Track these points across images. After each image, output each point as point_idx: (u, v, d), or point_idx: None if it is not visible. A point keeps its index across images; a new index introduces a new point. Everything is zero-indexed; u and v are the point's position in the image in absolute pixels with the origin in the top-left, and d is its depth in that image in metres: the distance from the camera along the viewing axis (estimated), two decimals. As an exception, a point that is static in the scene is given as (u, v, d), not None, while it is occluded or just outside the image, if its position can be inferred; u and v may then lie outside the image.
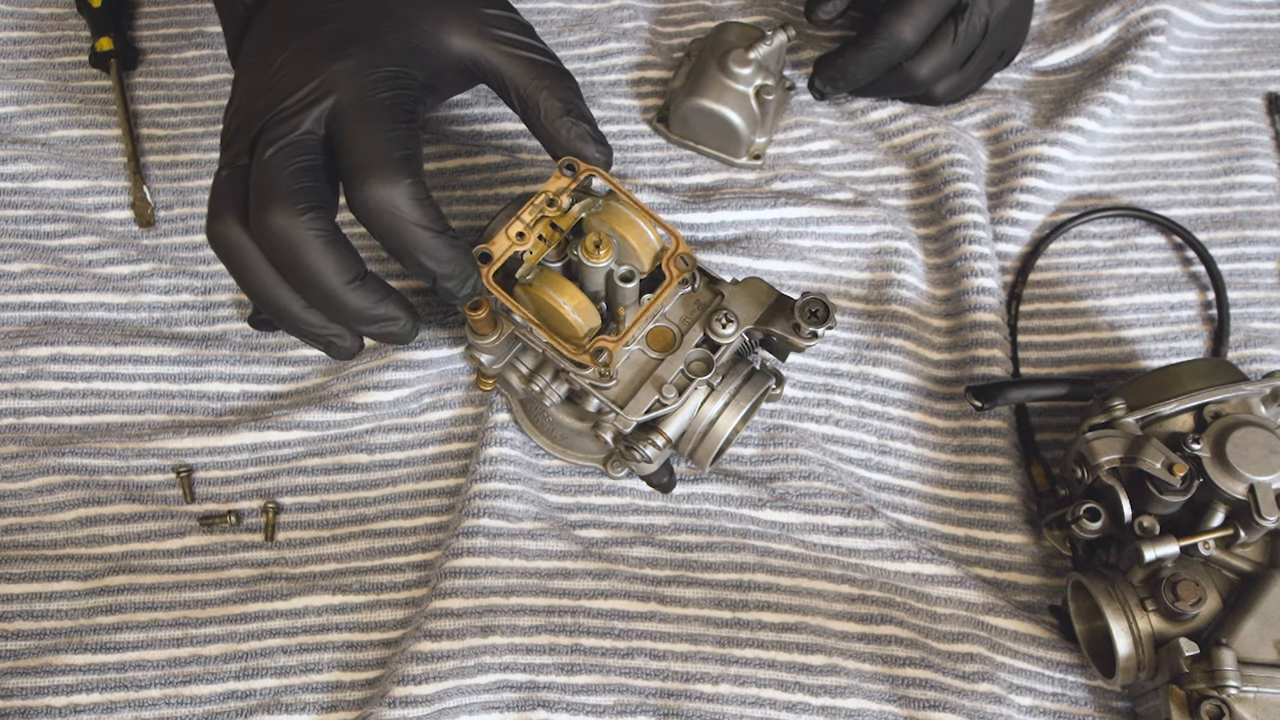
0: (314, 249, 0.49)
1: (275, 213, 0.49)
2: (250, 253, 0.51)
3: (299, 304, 0.52)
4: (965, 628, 0.59)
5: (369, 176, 0.49)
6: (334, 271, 0.50)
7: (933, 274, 0.69)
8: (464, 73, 0.57)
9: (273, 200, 0.49)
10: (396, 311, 0.52)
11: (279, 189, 0.50)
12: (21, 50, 0.74)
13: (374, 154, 0.50)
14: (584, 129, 0.55)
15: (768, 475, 0.63)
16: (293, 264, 0.50)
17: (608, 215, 0.53)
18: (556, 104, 0.55)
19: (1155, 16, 0.73)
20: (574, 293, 0.52)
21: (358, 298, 0.51)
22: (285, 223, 0.49)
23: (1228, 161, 0.72)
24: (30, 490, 0.62)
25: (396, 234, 0.50)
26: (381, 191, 0.49)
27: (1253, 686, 0.50)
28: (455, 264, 0.51)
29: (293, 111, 0.51)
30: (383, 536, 0.62)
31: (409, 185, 0.50)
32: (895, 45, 0.66)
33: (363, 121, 0.51)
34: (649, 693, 0.58)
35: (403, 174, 0.50)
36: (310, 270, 0.50)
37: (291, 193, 0.49)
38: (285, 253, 0.50)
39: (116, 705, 0.58)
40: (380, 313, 0.52)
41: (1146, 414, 0.56)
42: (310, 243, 0.49)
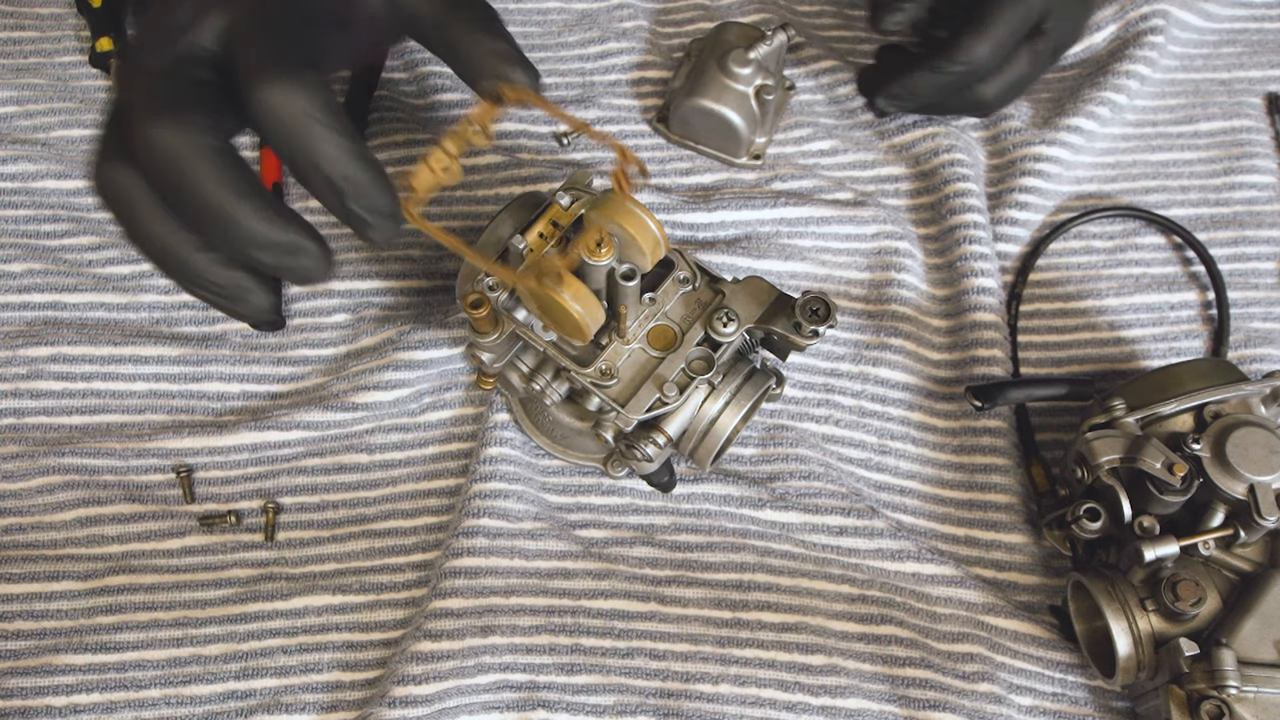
0: (202, 160, 0.43)
1: (157, 124, 0.43)
2: (138, 191, 0.45)
3: (193, 247, 0.46)
4: (965, 628, 0.59)
5: (267, 72, 0.43)
6: (225, 186, 0.43)
7: (933, 274, 0.69)
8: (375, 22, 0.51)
9: (152, 112, 0.43)
10: (303, 239, 0.45)
11: (159, 101, 0.44)
12: (21, 50, 0.74)
13: (274, 51, 0.44)
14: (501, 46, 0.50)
15: (768, 475, 0.63)
16: (179, 184, 0.44)
17: (609, 211, 0.53)
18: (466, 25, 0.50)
19: (1154, 16, 0.73)
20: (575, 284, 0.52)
21: (255, 219, 0.44)
22: (169, 134, 0.43)
23: (1228, 161, 0.72)
24: (30, 490, 0.62)
25: (297, 139, 0.44)
26: (281, 87, 0.43)
27: (1253, 686, 0.50)
28: (367, 181, 0.44)
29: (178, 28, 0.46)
30: (383, 536, 0.62)
31: (311, 79, 0.44)
32: (972, 69, 0.62)
33: (263, 26, 0.45)
34: (649, 693, 0.58)
35: (306, 70, 0.44)
36: (198, 188, 0.43)
37: (173, 101, 0.44)
38: (169, 169, 0.44)
39: (116, 705, 0.58)
40: (284, 238, 0.44)
41: (1146, 414, 0.56)
42: (198, 153, 0.43)
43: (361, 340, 0.66)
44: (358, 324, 0.67)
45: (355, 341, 0.66)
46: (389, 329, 0.65)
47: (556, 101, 0.73)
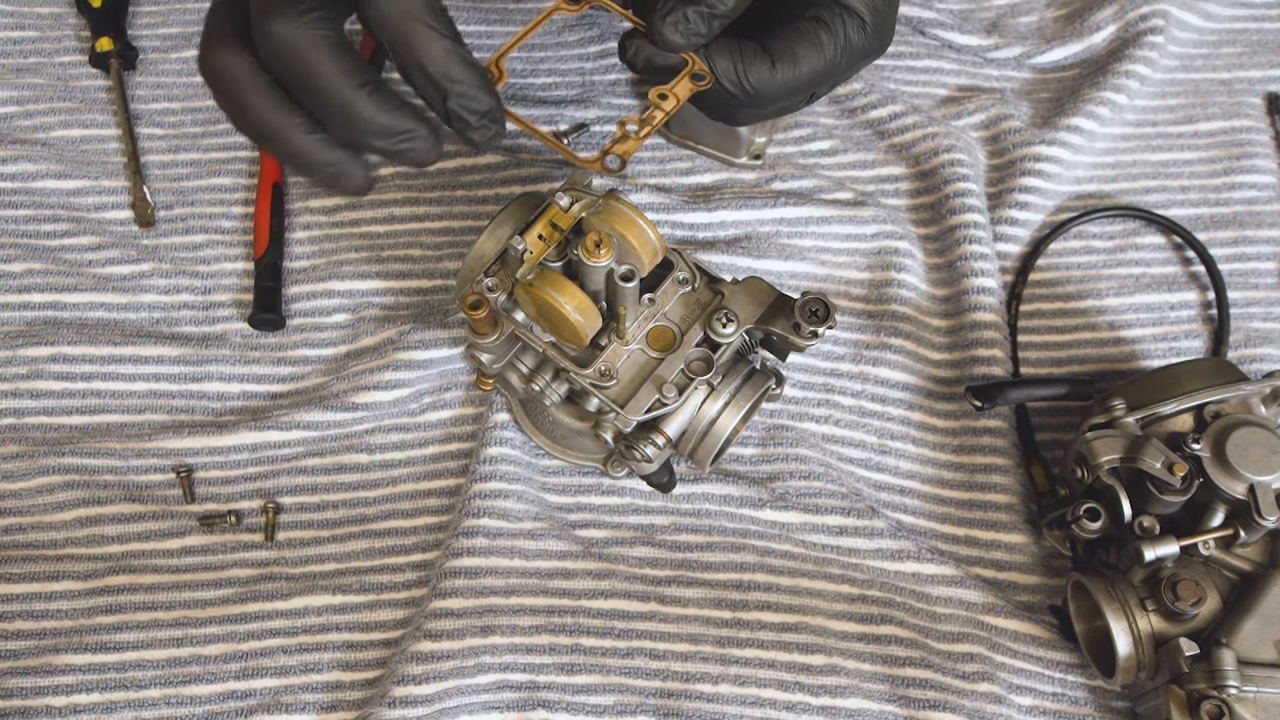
0: (322, 53, 0.46)
1: (279, 18, 0.46)
2: (248, 76, 0.48)
3: (301, 130, 0.48)
4: (965, 628, 0.59)
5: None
6: (344, 75, 0.46)
7: (933, 274, 0.69)
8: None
9: (276, 5, 0.46)
10: (413, 123, 0.48)
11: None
12: (21, 50, 0.74)
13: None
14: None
15: (768, 475, 0.63)
16: (299, 72, 0.47)
17: (608, 214, 0.53)
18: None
19: (1154, 16, 0.73)
20: (575, 292, 0.52)
21: (370, 105, 0.47)
22: (290, 27, 0.46)
23: (1228, 161, 0.72)
24: (30, 490, 0.62)
25: (410, 40, 0.47)
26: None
27: (1253, 686, 0.50)
28: (472, 83, 0.48)
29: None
30: (383, 536, 0.62)
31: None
32: (757, 94, 0.55)
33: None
34: (649, 693, 0.58)
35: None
36: (319, 76, 0.46)
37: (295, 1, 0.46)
38: (291, 60, 0.46)
39: (116, 705, 0.58)
40: (395, 123, 0.47)
41: (1146, 414, 0.56)
42: (318, 46, 0.46)
43: (361, 340, 0.66)
44: (358, 324, 0.67)
45: (355, 341, 0.66)
46: (389, 329, 0.65)
47: (557, 101, 0.73)
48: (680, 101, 0.53)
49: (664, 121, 0.53)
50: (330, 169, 0.49)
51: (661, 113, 0.53)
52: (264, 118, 0.48)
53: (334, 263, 0.68)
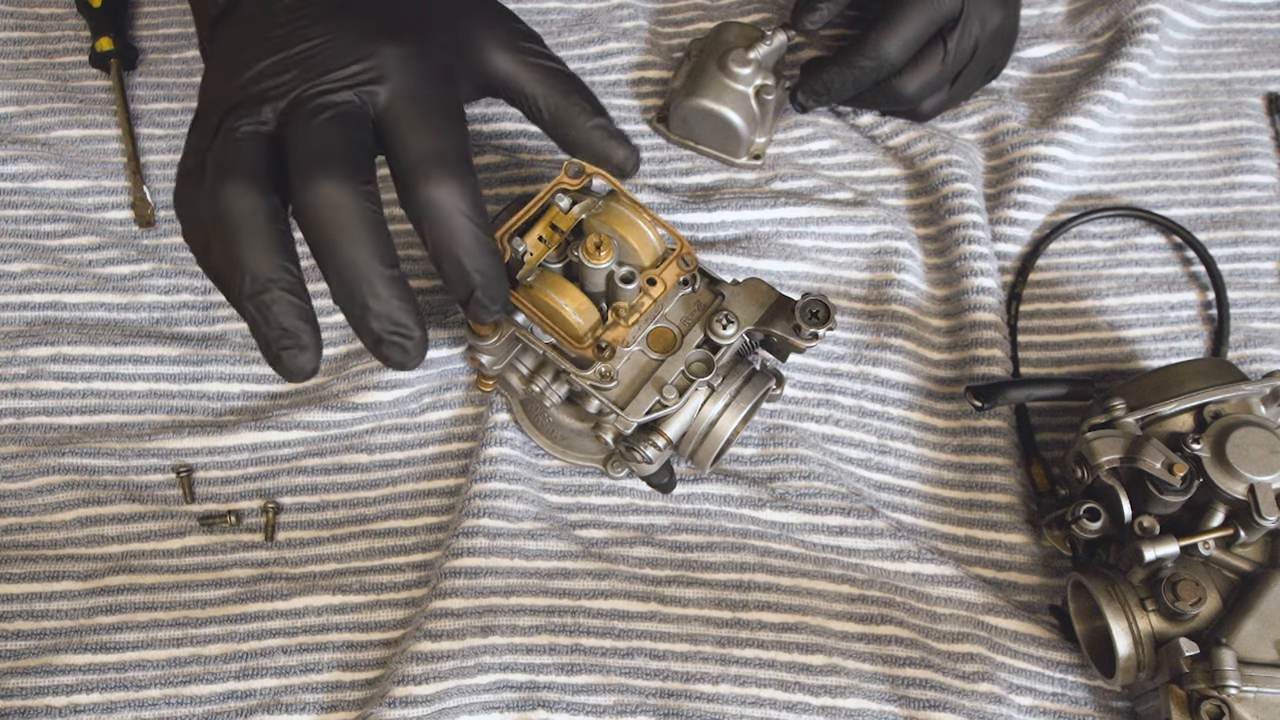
0: (365, 227, 0.46)
1: (331, 180, 0.46)
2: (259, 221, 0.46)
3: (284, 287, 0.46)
4: (965, 628, 0.59)
5: (434, 171, 0.47)
6: (379, 254, 0.46)
7: (932, 274, 0.69)
8: (485, 87, 0.56)
9: (330, 166, 0.46)
10: (415, 325, 0.48)
11: (337, 156, 0.46)
12: (21, 50, 0.74)
13: (439, 147, 0.48)
14: (614, 129, 0.56)
15: (768, 475, 0.63)
16: (336, 238, 0.46)
17: (608, 216, 0.53)
18: (586, 107, 0.55)
19: (1148, 15, 0.73)
20: (575, 294, 0.52)
21: (388, 291, 0.47)
22: (341, 191, 0.46)
23: (1228, 161, 0.72)
24: (30, 490, 0.62)
25: (453, 235, 0.47)
26: (446, 186, 0.47)
27: (1253, 686, 0.50)
28: (497, 274, 0.49)
29: (342, 85, 0.48)
30: (383, 536, 0.62)
31: (472, 183, 0.48)
32: (880, 64, 0.65)
33: (423, 114, 0.49)
34: (649, 693, 0.58)
35: (467, 170, 0.48)
36: (354, 249, 0.46)
37: (351, 162, 0.46)
38: (331, 224, 0.46)
39: (116, 705, 0.58)
40: (401, 319, 0.47)
41: (1146, 414, 0.56)
42: (364, 218, 0.46)
43: (361, 340, 0.66)
44: (358, 324, 0.66)
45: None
46: (389, 329, 0.65)
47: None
48: (668, 287, 0.54)
49: (652, 309, 0.54)
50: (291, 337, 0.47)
51: (650, 299, 0.54)
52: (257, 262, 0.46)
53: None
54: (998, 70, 0.73)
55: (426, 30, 0.52)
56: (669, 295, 0.56)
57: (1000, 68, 0.73)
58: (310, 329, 0.47)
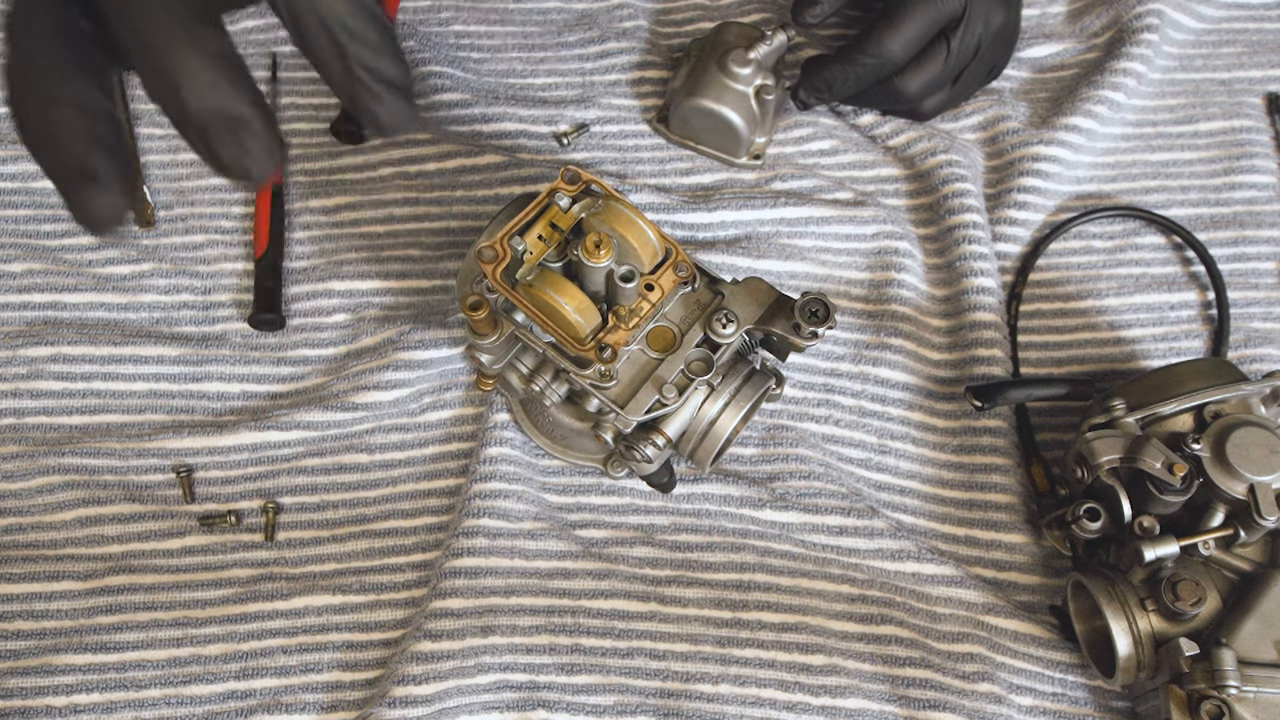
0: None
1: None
2: (44, 28, 0.36)
3: (75, 99, 0.36)
4: (965, 628, 0.59)
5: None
6: (183, 12, 0.34)
7: (932, 274, 0.69)
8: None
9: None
10: (250, 108, 0.35)
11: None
12: (21, 50, 0.74)
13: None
14: (368, 82, 0.38)
15: (768, 475, 0.63)
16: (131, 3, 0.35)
17: (608, 215, 0.53)
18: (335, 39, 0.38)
19: (1148, 15, 0.73)
20: (575, 293, 0.52)
21: (204, 67, 0.34)
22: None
23: (1228, 161, 0.72)
24: (30, 490, 0.62)
25: None
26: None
27: (1253, 686, 0.50)
28: (379, 42, 0.36)
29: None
30: (383, 536, 0.62)
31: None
32: (883, 61, 0.65)
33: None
34: (649, 693, 0.58)
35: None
36: (155, 15, 0.34)
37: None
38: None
39: (116, 705, 0.58)
40: (228, 106, 0.34)
41: (1146, 414, 0.56)
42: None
43: (361, 340, 0.66)
44: (358, 324, 0.67)
45: (355, 341, 0.66)
46: (389, 329, 0.65)
47: (557, 101, 0.73)
48: (665, 293, 0.54)
49: (652, 314, 0.54)
50: (82, 169, 0.36)
51: (649, 305, 0.54)
52: (41, 80, 0.36)
53: (334, 263, 0.68)
54: (999, 70, 0.73)
55: None
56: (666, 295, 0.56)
57: (1001, 68, 0.73)
58: (109, 158, 0.36)
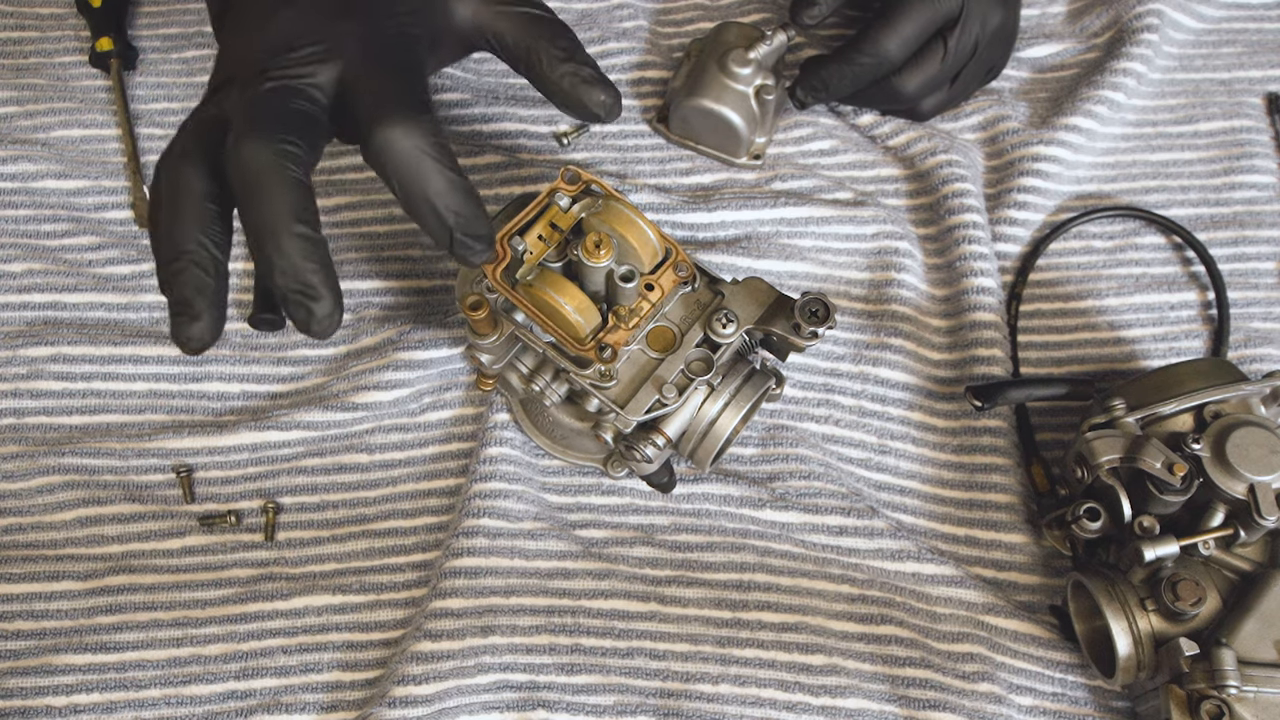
0: (277, 181, 0.47)
1: (251, 139, 0.47)
2: (189, 199, 0.48)
3: (196, 255, 0.48)
4: (965, 628, 0.59)
5: (387, 114, 0.48)
6: (288, 209, 0.47)
7: (932, 274, 0.69)
8: (462, 40, 0.56)
9: (255, 128, 0.47)
10: (323, 286, 0.47)
11: (265, 119, 0.48)
12: (21, 50, 0.74)
13: (391, 95, 0.49)
14: (587, 72, 0.54)
15: (768, 475, 0.63)
16: (249, 192, 0.47)
17: (608, 215, 0.53)
18: (557, 52, 0.54)
19: (1148, 15, 0.73)
20: (575, 293, 0.52)
21: (297, 244, 0.47)
22: (258, 148, 0.47)
23: (1228, 161, 0.72)
24: (30, 490, 0.62)
25: (413, 173, 0.48)
26: (401, 127, 0.48)
27: (1253, 686, 0.50)
28: (473, 212, 0.49)
29: (297, 63, 0.50)
30: (383, 536, 0.62)
31: (429, 122, 0.48)
32: (880, 61, 0.65)
33: (376, 74, 0.50)
34: (649, 693, 0.58)
35: (422, 110, 0.48)
36: (265, 201, 0.47)
37: (277, 125, 0.47)
38: (247, 179, 0.47)
39: (116, 705, 0.58)
40: (308, 275, 0.47)
41: (1146, 414, 0.56)
42: (278, 173, 0.47)
43: (361, 340, 0.66)
44: (358, 324, 0.67)
45: (355, 341, 0.66)
46: (389, 329, 0.65)
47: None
48: (665, 292, 0.54)
49: (652, 313, 0.54)
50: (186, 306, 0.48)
51: (649, 304, 0.54)
52: (177, 237, 0.48)
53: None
54: (998, 70, 0.73)
55: (382, 1, 0.53)
56: (666, 295, 0.56)
57: (1000, 68, 0.73)
58: (208, 302, 0.48)
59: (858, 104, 0.72)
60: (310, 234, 0.47)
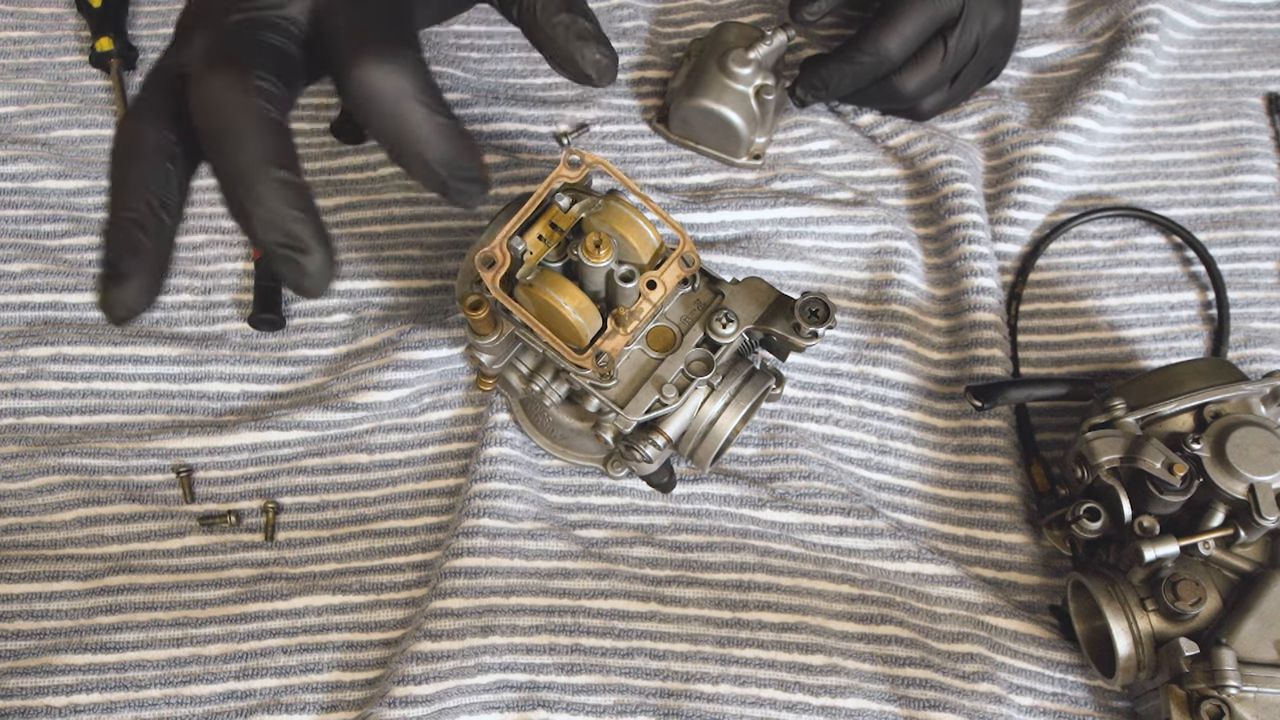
0: (249, 120, 0.42)
1: (217, 74, 0.42)
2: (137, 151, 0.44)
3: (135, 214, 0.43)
4: (965, 628, 0.59)
5: (367, 50, 0.43)
6: (263, 151, 0.42)
7: (932, 274, 0.69)
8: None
9: (220, 62, 0.42)
10: (313, 240, 0.42)
11: (234, 54, 0.42)
12: (21, 50, 0.74)
13: (372, 27, 0.44)
14: (582, 25, 0.50)
15: (768, 475, 0.63)
16: (218, 134, 0.42)
17: (607, 215, 0.53)
18: (551, 5, 0.50)
19: (1148, 15, 0.73)
20: (575, 293, 0.52)
21: (277, 193, 0.41)
22: (225, 84, 0.41)
23: (1228, 161, 0.72)
24: (30, 490, 0.62)
25: (397, 117, 0.43)
26: (383, 67, 0.42)
27: (1253, 686, 0.50)
28: (463, 155, 0.44)
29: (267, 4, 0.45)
30: (383, 536, 0.62)
31: (412, 59, 0.43)
32: (880, 59, 0.65)
33: (355, 4, 0.45)
34: (649, 693, 0.58)
35: (405, 46, 0.44)
36: (237, 144, 0.41)
37: (247, 59, 0.42)
38: (214, 119, 0.42)
39: (116, 705, 0.58)
40: (291, 224, 0.42)
41: (1146, 414, 0.56)
42: (249, 112, 0.42)
43: (361, 340, 0.66)
44: (358, 324, 0.67)
45: (355, 341, 0.66)
46: (389, 329, 0.65)
47: (557, 101, 0.73)
48: (668, 289, 0.53)
49: (653, 314, 0.53)
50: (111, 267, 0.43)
51: (650, 304, 0.53)
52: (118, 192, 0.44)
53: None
54: (998, 70, 0.73)
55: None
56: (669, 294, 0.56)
57: (1000, 68, 0.73)
58: (140, 265, 0.43)
59: (858, 103, 0.72)
60: (290, 179, 0.42)
